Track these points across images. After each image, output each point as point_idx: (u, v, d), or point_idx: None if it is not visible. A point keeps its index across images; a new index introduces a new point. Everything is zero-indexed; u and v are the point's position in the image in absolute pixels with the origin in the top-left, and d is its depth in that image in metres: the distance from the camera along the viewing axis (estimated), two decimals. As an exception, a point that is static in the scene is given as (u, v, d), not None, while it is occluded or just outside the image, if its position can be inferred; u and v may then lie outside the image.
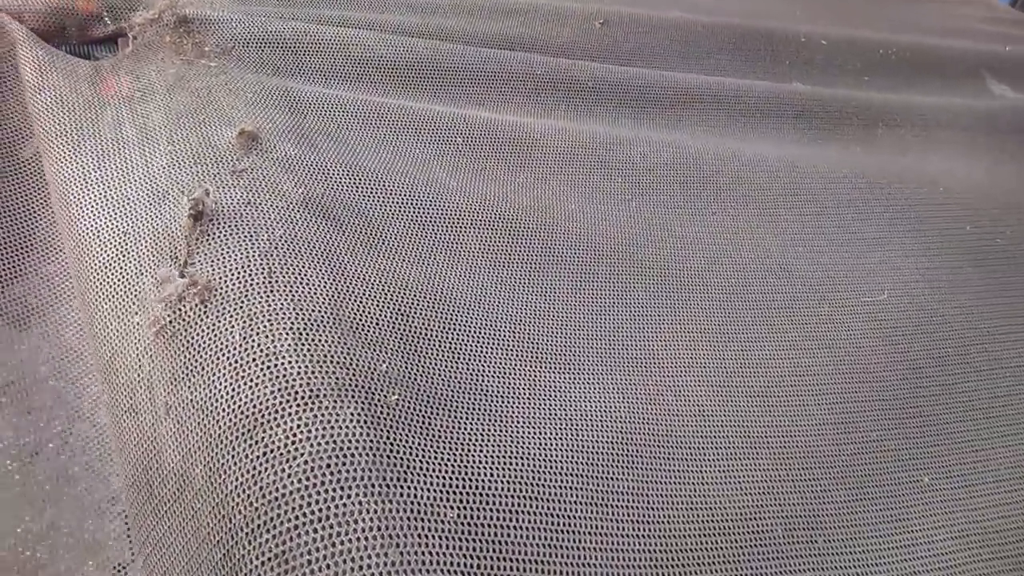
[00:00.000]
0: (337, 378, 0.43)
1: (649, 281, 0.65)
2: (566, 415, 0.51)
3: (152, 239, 0.49)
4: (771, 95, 0.89)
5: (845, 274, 0.72)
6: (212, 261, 0.47)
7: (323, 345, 0.45)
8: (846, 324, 0.67)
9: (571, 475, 0.47)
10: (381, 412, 0.43)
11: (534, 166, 0.71)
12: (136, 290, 0.47)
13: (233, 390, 0.41)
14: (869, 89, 0.99)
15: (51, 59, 0.64)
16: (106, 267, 0.49)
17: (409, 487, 0.40)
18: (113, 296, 0.48)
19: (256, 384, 0.41)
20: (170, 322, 0.44)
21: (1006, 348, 0.69)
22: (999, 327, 0.71)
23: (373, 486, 0.39)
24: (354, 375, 0.44)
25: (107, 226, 0.51)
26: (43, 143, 0.58)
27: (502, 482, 0.43)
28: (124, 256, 0.49)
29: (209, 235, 0.48)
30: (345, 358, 0.45)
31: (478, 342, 0.53)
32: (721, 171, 0.78)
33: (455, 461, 0.43)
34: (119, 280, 0.48)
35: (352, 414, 0.42)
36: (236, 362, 0.42)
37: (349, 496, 0.38)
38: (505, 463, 0.45)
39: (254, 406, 0.41)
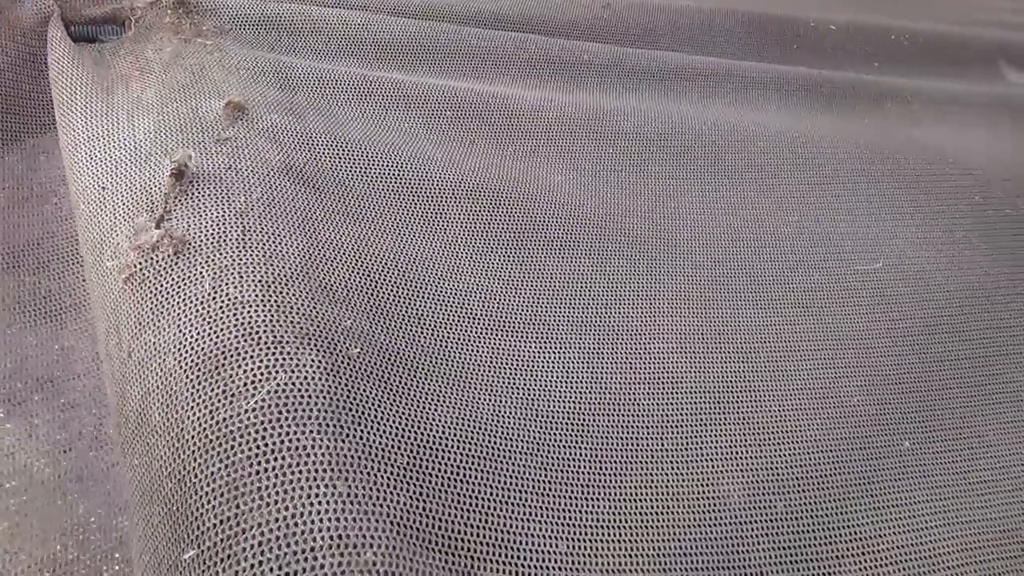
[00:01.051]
0: (301, 327, 0.45)
1: (633, 250, 0.65)
2: (524, 384, 0.52)
3: (130, 194, 0.51)
4: (777, 73, 0.89)
5: (841, 243, 0.71)
6: (188, 218, 0.49)
7: (290, 298, 0.46)
8: (836, 292, 0.66)
9: (521, 441, 0.48)
10: (342, 362, 0.44)
11: (524, 138, 0.72)
12: (112, 239, 0.49)
13: (197, 334, 0.43)
14: (880, 74, 0.98)
15: (61, 38, 0.67)
16: (88, 220, 0.51)
17: (362, 431, 0.41)
18: (93, 247, 0.50)
19: (220, 329, 0.43)
20: (140, 269, 0.46)
21: (1005, 315, 0.68)
22: (1001, 294, 0.70)
23: (328, 426, 0.40)
24: (318, 326, 0.45)
25: (90, 183, 0.53)
26: (57, 117, 0.62)
27: (451, 438, 0.45)
28: (103, 209, 0.51)
29: (188, 195, 0.50)
30: (310, 311, 0.46)
31: (446, 309, 0.54)
32: (718, 141, 0.78)
33: (409, 414, 0.45)
34: (97, 231, 0.50)
35: (313, 360, 0.43)
36: (202, 309, 0.44)
37: (304, 433, 0.39)
38: (458, 422, 0.46)
39: (216, 348, 0.42)
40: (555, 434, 0.48)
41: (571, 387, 0.52)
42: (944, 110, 0.93)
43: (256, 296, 0.45)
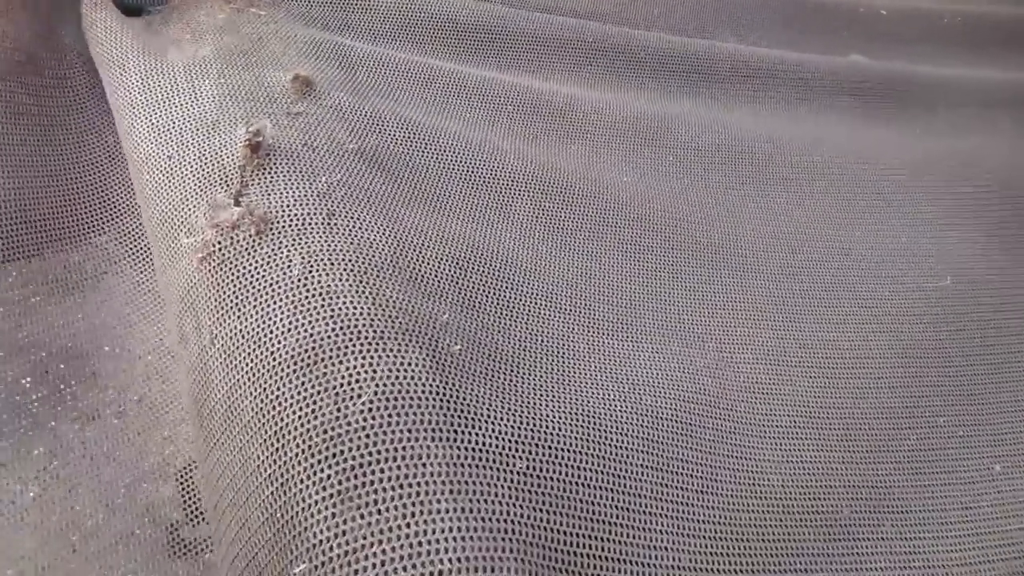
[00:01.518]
0: (400, 323, 0.41)
1: (704, 257, 0.62)
2: (628, 380, 0.48)
3: (201, 165, 0.46)
4: (829, 70, 0.86)
5: (906, 259, 0.69)
6: (268, 195, 0.45)
7: (385, 290, 0.42)
8: (909, 309, 0.64)
9: (636, 438, 0.44)
10: (445, 360, 0.41)
11: (585, 138, 0.69)
12: (186, 215, 0.44)
13: (288, 324, 0.39)
14: (930, 62, 0.95)
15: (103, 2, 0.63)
16: (156, 192, 0.47)
17: (476, 435, 0.38)
18: (163, 221, 0.46)
19: (315, 320, 0.39)
20: (220, 249, 0.42)
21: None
22: None
23: (441, 431, 0.36)
24: (417, 322, 0.42)
25: (155, 152, 0.48)
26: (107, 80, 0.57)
27: (570, 438, 0.41)
28: (171, 181, 0.46)
29: (265, 169, 0.46)
30: (407, 305, 0.42)
31: (535, 302, 0.51)
32: (774, 155, 0.76)
33: (521, 413, 0.41)
34: (167, 204, 0.46)
35: (417, 359, 0.39)
36: (293, 297, 0.40)
37: (417, 439, 0.35)
38: (572, 420, 0.42)
39: (312, 342, 0.38)
40: (663, 434, 0.45)
41: (670, 387, 0.48)
42: (995, 115, 0.91)
43: (349, 286, 0.41)
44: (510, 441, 0.38)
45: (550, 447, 0.40)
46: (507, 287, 0.50)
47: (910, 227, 0.72)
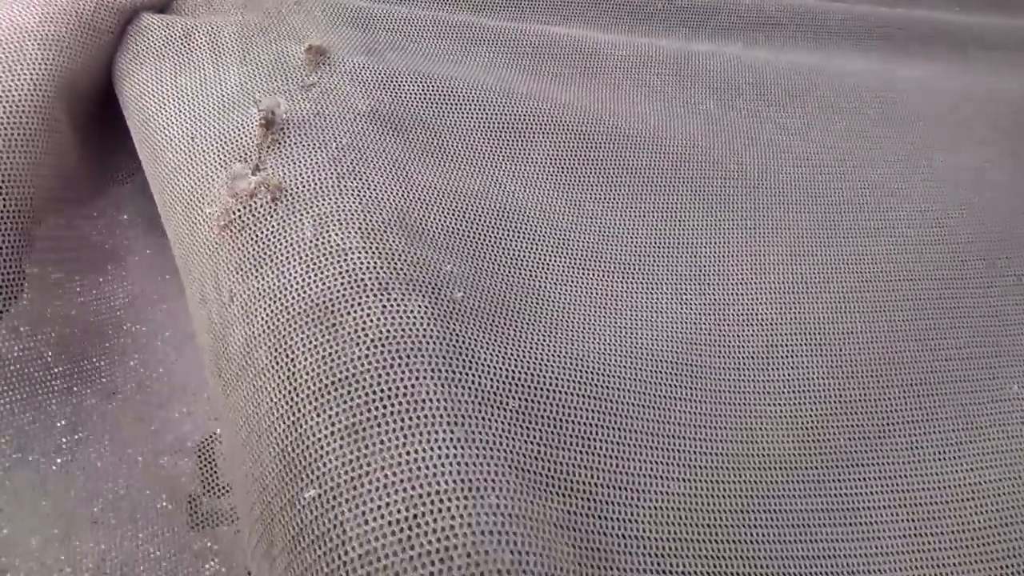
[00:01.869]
0: (405, 274, 0.44)
1: (725, 190, 0.63)
2: (627, 322, 0.51)
3: (220, 141, 0.50)
4: (854, 15, 0.85)
5: (934, 191, 0.68)
6: (282, 165, 0.48)
7: (391, 244, 0.46)
8: (933, 240, 0.64)
9: (629, 379, 0.47)
10: (447, 306, 0.44)
11: (606, 75, 0.70)
12: (206, 185, 0.49)
13: (302, 280, 0.43)
14: (960, 14, 0.93)
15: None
16: (177, 169, 0.51)
17: (474, 376, 0.41)
18: (184, 194, 0.50)
19: (326, 276, 0.43)
20: (239, 216, 0.46)
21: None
22: None
23: (441, 372, 0.40)
24: (421, 272, 0.45)
25: (178, 133, 0.53)
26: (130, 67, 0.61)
27: (561, 380, 0.44)
28: (193, 157, 0.51)
29: (279, 143, 0.50)
30: (412, 257, 0.46)
31: (543, 249, 0.53)
32: (806, 87, 0.75)
33: (517, 357, 0.44)
34: (189, 178, 0.50)
35: (420, 306, 0.43)
36: (306, 256, 0.44)
37: (418, 379, 0.39)
38: (564, 363, 0.45)
39: (324, 295, 0.42)
40: (659, 373, 0.48)
41: (672, 326, 0.51)
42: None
43: (358, 243, 0.44)
44: (505, 382, 0.42)
45: (542, 388, 0.43)
46: (515, 235, 0.53)
47: (939, 160, 0.71)
